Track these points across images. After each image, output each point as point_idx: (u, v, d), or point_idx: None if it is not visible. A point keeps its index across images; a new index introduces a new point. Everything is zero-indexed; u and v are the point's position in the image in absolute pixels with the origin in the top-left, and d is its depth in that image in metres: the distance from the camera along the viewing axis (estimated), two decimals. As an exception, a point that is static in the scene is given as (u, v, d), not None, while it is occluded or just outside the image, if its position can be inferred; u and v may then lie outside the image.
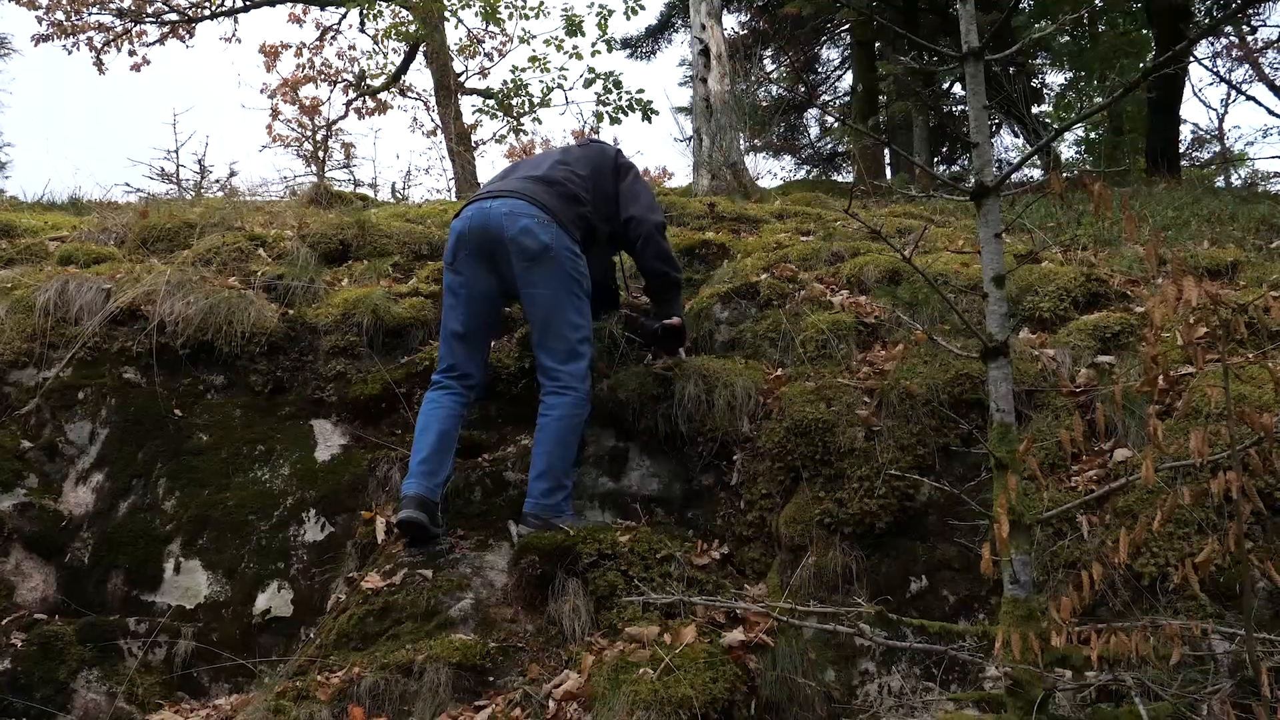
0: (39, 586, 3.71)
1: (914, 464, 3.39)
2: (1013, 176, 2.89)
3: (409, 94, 16.35)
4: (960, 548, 3.28)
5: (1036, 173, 11.67)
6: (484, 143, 15.09)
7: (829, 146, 17.02)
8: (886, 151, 13.90)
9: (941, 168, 15.48)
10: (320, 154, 16.03)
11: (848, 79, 16.22)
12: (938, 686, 3.10)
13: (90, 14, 14.45)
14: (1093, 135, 15.27)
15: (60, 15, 14.29)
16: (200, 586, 3.70)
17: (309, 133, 16.92)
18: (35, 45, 14.57)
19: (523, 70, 12.22)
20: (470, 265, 3.74)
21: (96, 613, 3.66)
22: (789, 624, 3.09)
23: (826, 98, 16.86)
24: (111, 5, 14.36)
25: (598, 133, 11.78)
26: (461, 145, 12.12)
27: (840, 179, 15.26)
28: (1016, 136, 14.52)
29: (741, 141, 8.91)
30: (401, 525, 3.48)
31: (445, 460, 3.60)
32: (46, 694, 3.33)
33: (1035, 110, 13.09)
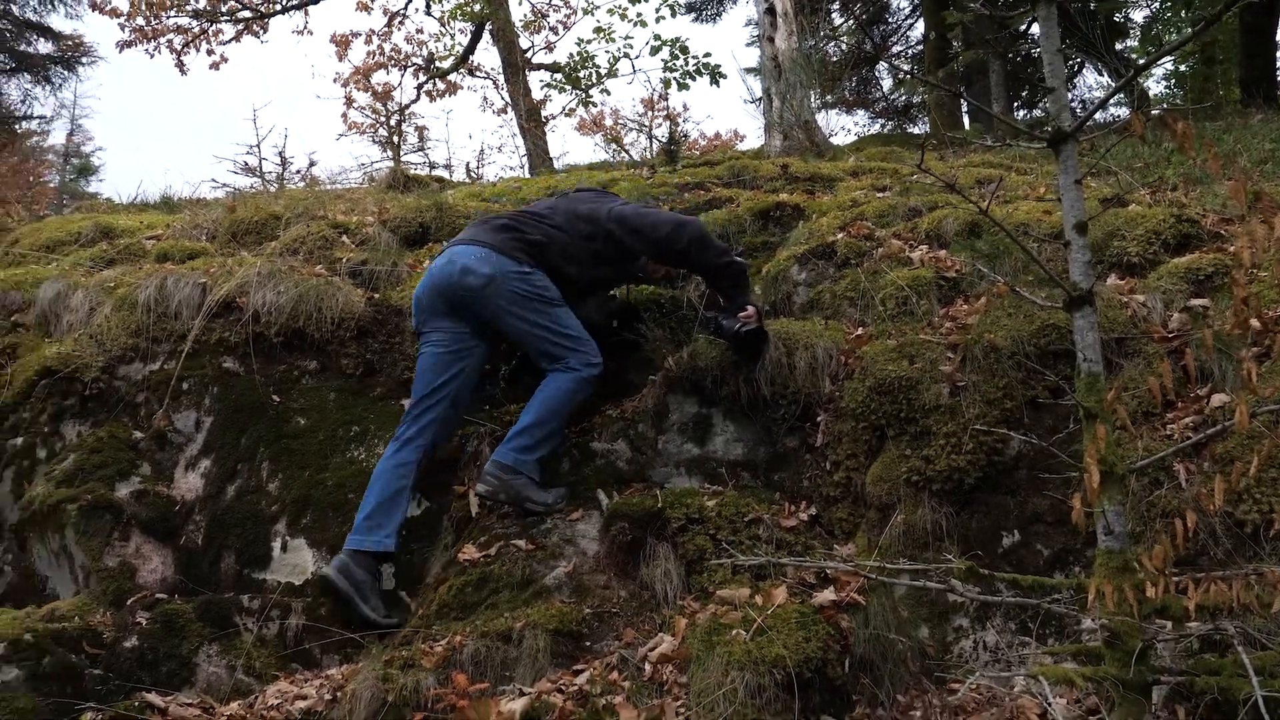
0: (158, 568, 3.91)
1: (1001, 418, 3.35)
2: (1098, 117, 2.82)
3: (477, 73, 16.50)
4: (1052, 501, 3.25)
5: (1124, 111, 11.28)
6: (554, 117, 15.15)
7: (902, 99, 16.66)
8: (963, 100, 13.56)
9: (1021, 113, 15.03)
10: (395, 139, 16.29)
11: (919, 28, 15.84)
12: (1033, 641, 3.09)
13: (169, 17, 14.87)
14: (1182, 68, 14.65)
15: (140, 20, 14.74)
16: (307, 563, 3.85)
17: (382, 118, 17.20)
18: (120, 51, 15.08)
19: (588, 42, 12.22)
20: (436, 323, 3.88)
21: (212, 591, 3.84)
22: (880, 582, 3.10)
23: (897, 49, 16.49)
24: (188, 7, 14.75)
25: (666, 99, 11.72)
26: (532, 121, 12.20)
27: (915, 131, 14.95)
28: (1100, 75, 14.04)
29: (812, 99, 8.81)
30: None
31: (395, 513, 3.70)
32: (171, 668, 3.52)
33: (1118, 46, 12.61)
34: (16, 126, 17.47)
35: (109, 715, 3.39)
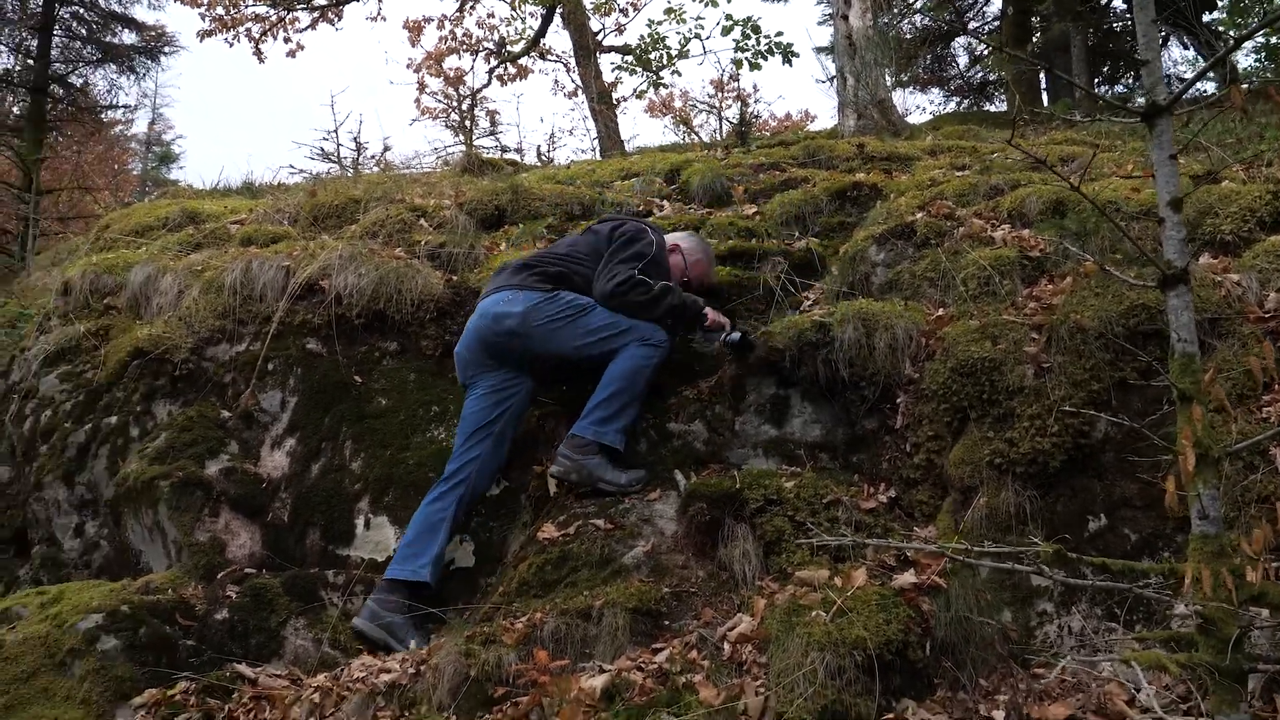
0: (246, 544, 4.03)
1: (1088, 400, 3.28)
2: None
3: (548, 57, 16.56)
4: (1141, 484, 3.17)
5: (1209, 86, 10.90)
6: (625, 100, 15.16)
7: (980, 76, 16.31)
8: (1043, 76, 13.23)
9: (1103, 89, 14.61)
10: (467, 123, 16.43)
11: (995, 3, 15.47)
12: (1121, 626, 3.02)
13: (247, 6, 15.18)
14: (1273, 40, 14.09)
15: (220, 10, 15.06)
16: (389, 540, 3.93)
17: (455, 103, 17.36)
18: (200, 41, 15.44)
19: (659, 23, 12.20)
20: (480, 373, 3.93)
21: (298, 567, 3.95)
22: (963, 565, 3.06)
23: (974, 25, 16.13)
24: (265, -5, 15.05)
25: (737, 79, 11.63)
26: (603, 104, 12.21)
27: (992, 109, 14.62)
28: (1186, 49, 13.57)
29: (887, 77, 8.66)
30: (354, 633, 3.65)
31: (432, 543, 3.69)
32: (260, 641, 3.63)
33: (1206, 18, 12.18)
34: (103, 116, 18.00)
35: (202, 685, 3.51)
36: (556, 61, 16.91)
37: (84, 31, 15.59)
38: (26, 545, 4.78)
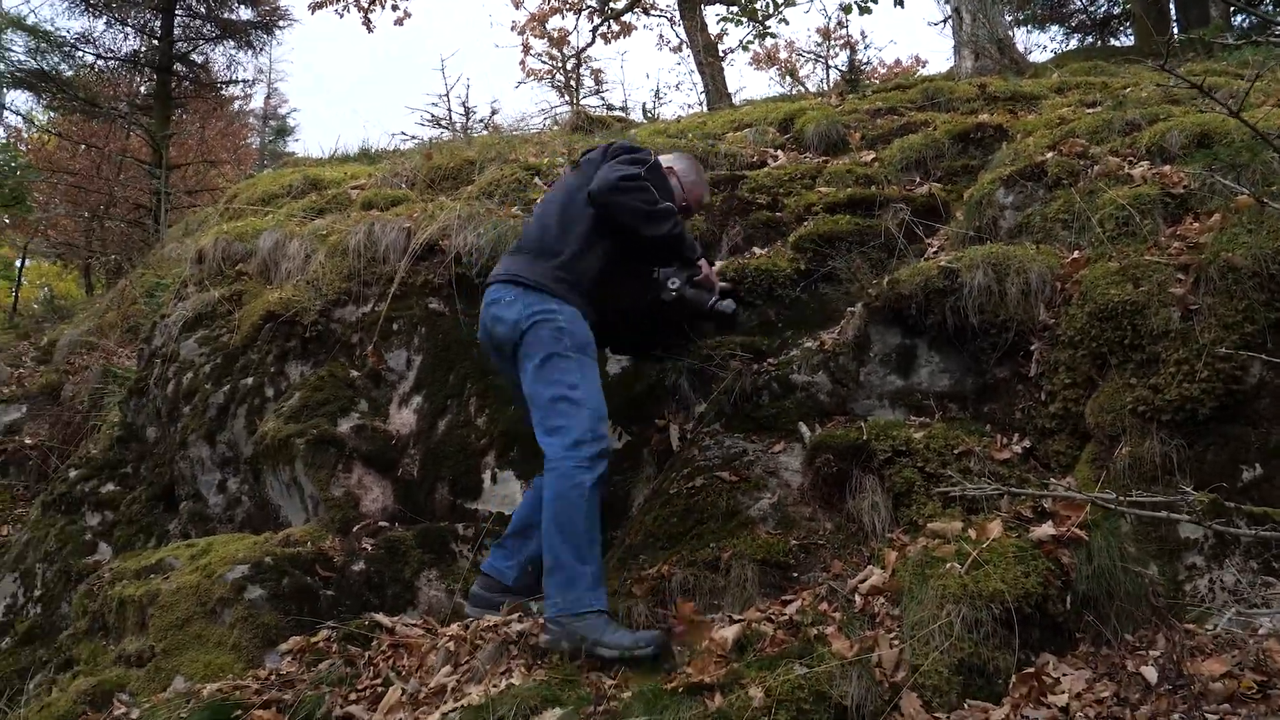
0: (379, 498, 4.15)
1: (1240, 343, 3.09)
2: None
3: (652, 12, 16.40)
4: (1301, 431, 2.99)
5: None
6: (731, 51, 14.92)
7: (1103, 10, 15.50)
8: (1172, 7, 12.49)
9: (1237, 19, 13.72)
10: (572, 83, 16.44)
11: (1120, -68, 14.65)
12: (1278, 581, 2.87)
13: (357, -25, 15.44)
14: None
15: (331, -19, 15.35)
16: (515, 494, 3.99)
17: (560, 64, 17.38)
18: (311, 13, 15.77)
19: (765, -29, 11.90)
20: (503, 369, 3.60)
21: (429, 520, 4.06)
22: (1106, 516, 2.94)
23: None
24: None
25: (845, 25, 11.30)
26: (709, 56, 12.04)
27: (1118, 44, 13.89)
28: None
29: (1005, 14, 8.30)
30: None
31: (524, 542, 3.47)
32: (396, 591, 3.74)
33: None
34: (223, 91, 18.59)
35: (343, 633, 3.64)
36: (660, 16, 16.75)
37: (203, 9, 16.07)
38: (174, 501, 5.03)
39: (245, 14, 16.46)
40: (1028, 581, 2.78)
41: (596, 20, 16.08)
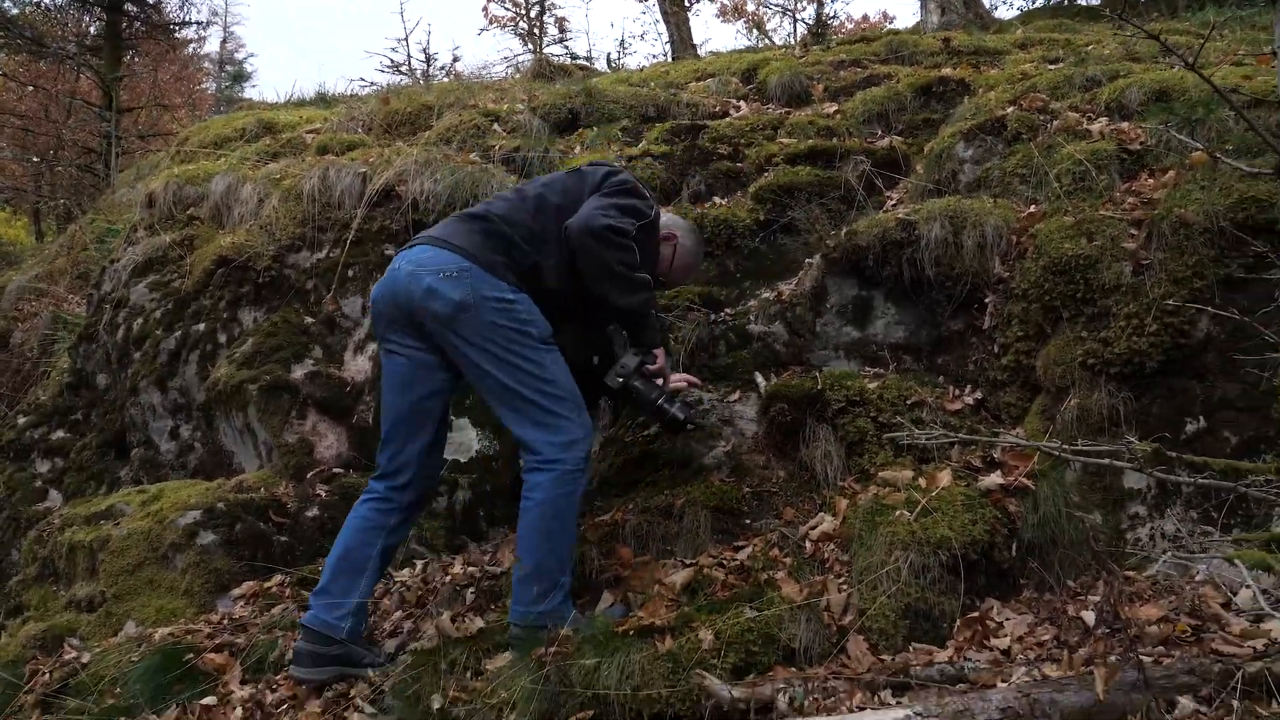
0: (333, 444, 4.12)
1: (1189, 297, 3.14)
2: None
3: (618, -40, 16.14)
4: (1244, 386, 3.05)
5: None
6: (697, 1, 14.74)
7: (1070, -32, 15.47)
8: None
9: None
10: (536, 31, 16.21)
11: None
12: (1218, 530, 2.94)
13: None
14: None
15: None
16: (471, 442, 3.98)
17: (523, 10, 17.11)
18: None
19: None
20: (397, 338, 3.07)
21: (383, 467, 4.02)
22: (1052, 466, 2.99)
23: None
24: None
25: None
26: (674, 6, 11.90)
27: (1084, 3, 13.90)
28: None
29: (972, -29, 8.27)
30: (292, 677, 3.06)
31: (351, 586, 3.01)
32: (350, 538, 3.73)
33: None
34: (176, 33, 18.10)
35: (297, 578, 3.64)
36: (627, -36, 16.52)
37: (155, -54, 15.60)
38: (126, 448, 4.96)
39: (199, -48, 16.00)
40: (975, 529, 2.82)
41: (561, -32, 15.82)
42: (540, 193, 3.15)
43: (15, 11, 14.23)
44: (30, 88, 16.37)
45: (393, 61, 10.87)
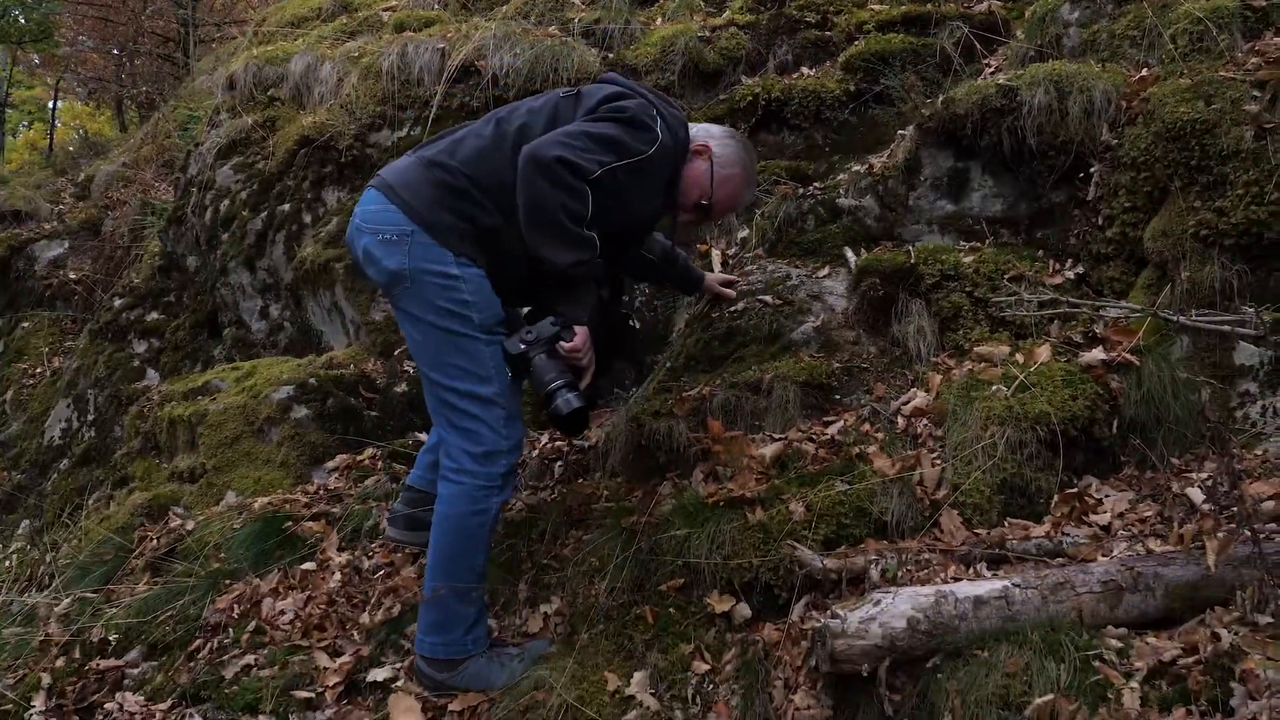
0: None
1: (1316, 163, 2.94)
2: None
3: None
4: (1374, 256, 2.87)
5: None
6: None
7: None
8: None
9: None
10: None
11: None
12: (1333, 408, 2.81)
13: None
14: None
15: None
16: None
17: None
18: None
19: None
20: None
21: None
22: (1159, 341, 2.88)
23: None
24: None
25: None
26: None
27: None
28: None
29: None
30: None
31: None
32: (438, 413, 3.79)
33: None
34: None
35: (387, 451, 3.72)
36: None
37: None
38: (217, 327, 5.09)
39: None
40: (1075, 405, 2.74)
41: None
42: (524, 123, 2.61)
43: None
44: (107, -23, 16.41)
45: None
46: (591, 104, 2.62)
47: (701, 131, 2.85)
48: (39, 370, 7.62)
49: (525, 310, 2.82)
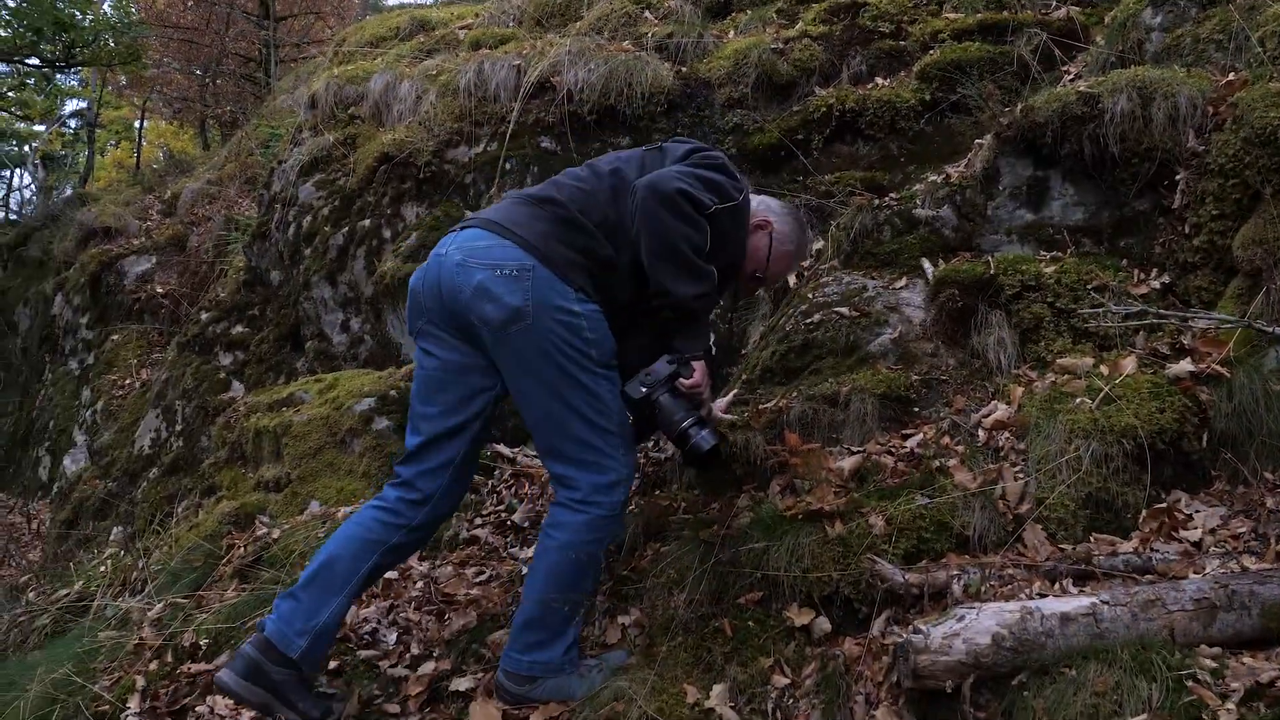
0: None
1: None
2: None
3: None
4: None
5: None
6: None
7: None
8: None
9: None
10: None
11: None
12: None
13: None
14: None
15: None
16: (629, 332, 4.00)
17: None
18: None
19: None
20: (435, 335, 2.59)
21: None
22: (1251, 352, 2.80)
23: None
24: None
25: None
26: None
27: None
28: None
29: None
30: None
31: (323, 601, 2.53)
32: (516, 423, 3.83)
33: None
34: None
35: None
36: None
37: None
38: (300, 340, 5.22)
39: None
40: (1163, 418, 2.69)
41: None
42: (617, 169, 2.62)
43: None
44: (191, 1, 16.98)
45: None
46: (679, 154, 2.66)
47: (762, 206, 2.85)
48: (128, 382, 7.90)
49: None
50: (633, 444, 2.66)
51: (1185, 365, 2.87)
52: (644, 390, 2.57)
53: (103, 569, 4.29)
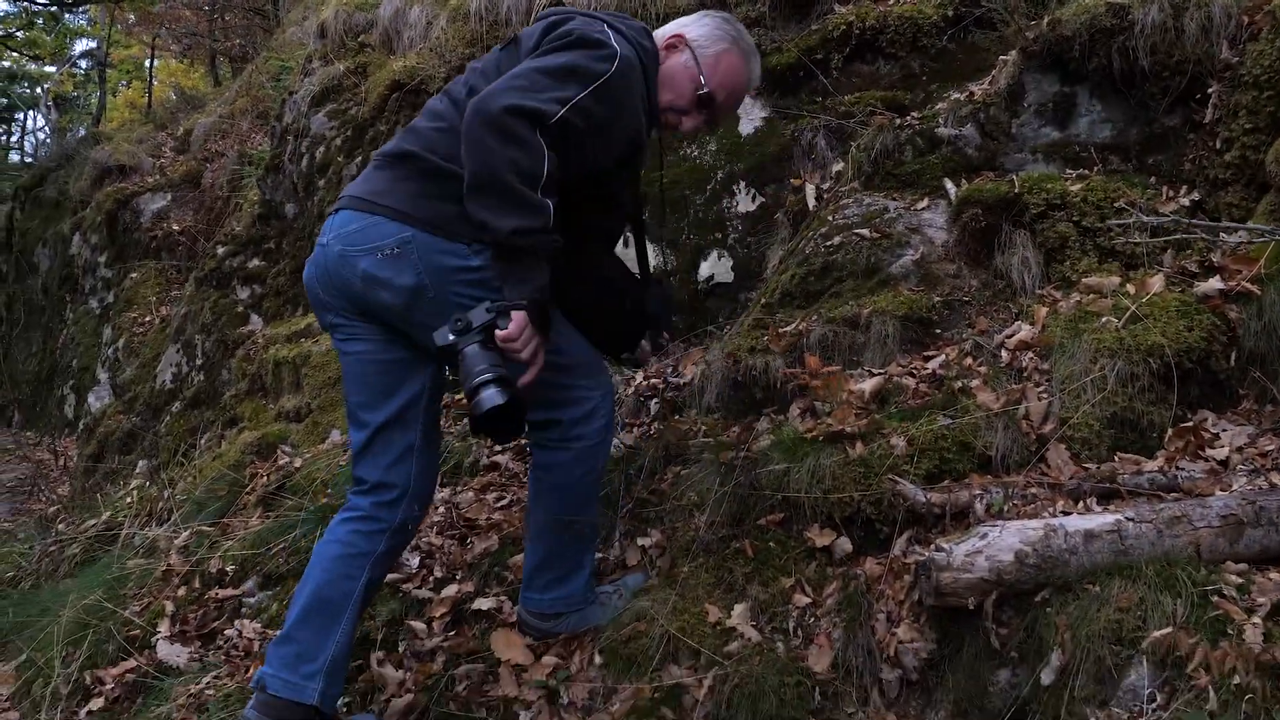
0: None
1: None
2: None
3: None
4: None
5: None
6: None
7: None
8: None
9: None
10: None
11: None
12: None
13: None
14: None
15: None
16: (649, 257, 3.95)
17: None
18: None
19: None
20: (348, 326, 2.39)
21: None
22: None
23: None
24: None
25: None
26: None
27: None
28: None
29: None
30: None
31: (326, 634, 2.30)
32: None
33: None
34: None
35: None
36: None
37: None
38: (316, 273, 5.20)
39: None
40: (1190, 336, 2.64)
41: None
42: (473, 86, 2.29)
43: None
44: (197, -68, 16.68)
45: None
46: (532, 43, 2.30)
47: (670, 26, 2.52)
48: (148, 319, 7.94)
49: None
50: (600, 363, 2.54)
51: (1214, 283, 2.81)
52: (451, 338, 2.16)
53: (129, 500, 4.35)
